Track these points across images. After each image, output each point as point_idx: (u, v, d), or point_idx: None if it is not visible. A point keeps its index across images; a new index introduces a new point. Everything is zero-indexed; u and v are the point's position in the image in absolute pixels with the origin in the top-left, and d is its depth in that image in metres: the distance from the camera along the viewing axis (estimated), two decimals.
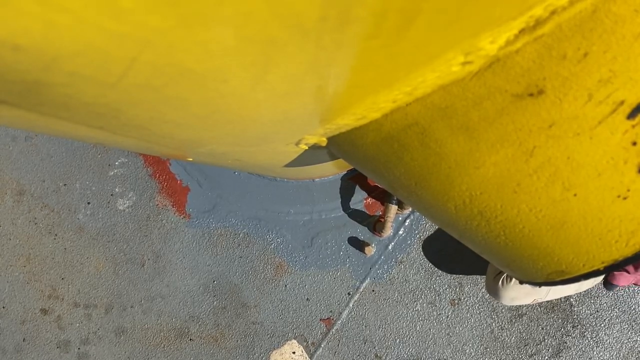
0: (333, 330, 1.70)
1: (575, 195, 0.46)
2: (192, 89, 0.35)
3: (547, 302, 1.62)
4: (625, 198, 0.45)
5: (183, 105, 0.39)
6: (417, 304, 1.67)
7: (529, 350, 1.64)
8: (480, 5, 0.36)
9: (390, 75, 0.43)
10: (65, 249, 1.81)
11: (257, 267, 1.74)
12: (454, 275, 1.65)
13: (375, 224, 1.64)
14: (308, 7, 0.28)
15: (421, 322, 1.67)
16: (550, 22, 0.39)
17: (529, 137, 0.44)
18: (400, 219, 1.65)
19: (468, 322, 1.65)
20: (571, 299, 1.61)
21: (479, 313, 1.65)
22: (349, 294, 1.69)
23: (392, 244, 1.67)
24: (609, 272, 0.50)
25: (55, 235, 1.81)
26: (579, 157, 0.44)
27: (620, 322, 1.60)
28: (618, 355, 1.60)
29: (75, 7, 0.22)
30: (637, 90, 0.40)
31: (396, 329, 1.68)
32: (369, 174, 0.66)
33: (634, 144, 0.42)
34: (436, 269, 1.65)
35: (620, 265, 0.49)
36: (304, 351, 1.72)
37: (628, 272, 1.37)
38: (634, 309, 1.59)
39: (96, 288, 1.81)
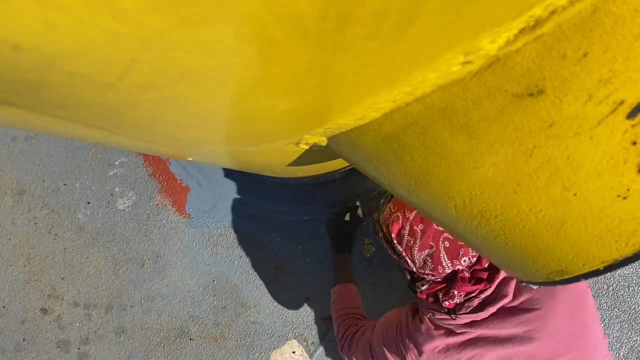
0: (333, 330, 1.70)
1: (575, 195, 0.46)
2: (192, 89, 0.35)
3: None
4: (625, 198, 0.45)
5: (183, 105, 0.39)
6: None
7: None
8: (480, 5, 0.36)
9: (390, 75, 0.43)
10: (65, 248, 1.81)
11: (257, 267, 1.74)
12: None
13: (375, 224, 1.64)
14: (308, 7, 0.28)
15: None
16: (550, 22, 0.39)
17: (529, 137, 0.44)
18: None
19: None
20: None
21: None
22: None
23: None
24: (609, 272, 0.50)
25: (55, 235, 1.81)
26: (579, 157, 0.44)
27: (620, 322, 1.60)
28: (618, 355, 1.60)
29: (75, 7, 0.22)
30: (637, 90, 0.40)
31: None
32: (369, 174, 0.66)
33: (634, 143, 0.42)
34: None
35: (620, 265, 0.49)
36: (304, 351, 1.72)
37: None
38: (634, 309, 1.59)
39: (96, 288, 1.81)
